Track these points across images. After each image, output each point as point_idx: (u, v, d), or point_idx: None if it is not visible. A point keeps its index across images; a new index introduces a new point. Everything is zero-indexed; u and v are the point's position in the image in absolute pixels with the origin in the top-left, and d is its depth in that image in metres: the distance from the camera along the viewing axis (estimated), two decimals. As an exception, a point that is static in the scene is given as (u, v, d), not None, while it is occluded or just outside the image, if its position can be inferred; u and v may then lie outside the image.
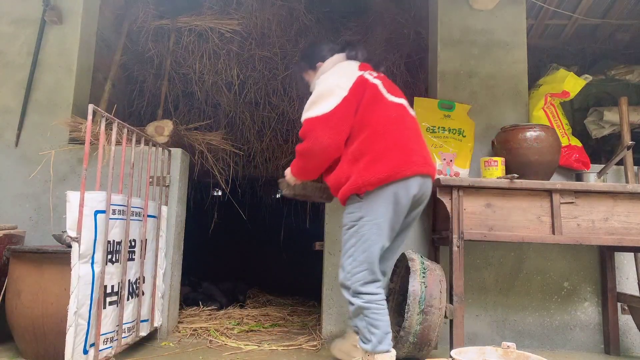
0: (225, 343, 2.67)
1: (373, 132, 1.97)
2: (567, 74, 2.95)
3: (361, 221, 1.96)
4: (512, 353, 1.76)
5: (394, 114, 2.03)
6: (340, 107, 1.96)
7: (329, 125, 1.96)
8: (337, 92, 1.99)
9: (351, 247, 1.98)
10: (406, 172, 1.94)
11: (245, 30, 3.78)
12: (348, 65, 2.15)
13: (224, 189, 3.64)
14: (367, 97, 2.01)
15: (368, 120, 1.98)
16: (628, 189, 2.44)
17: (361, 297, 1.96)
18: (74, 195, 1.92)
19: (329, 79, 2.07)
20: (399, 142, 1.97)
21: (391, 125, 1.99)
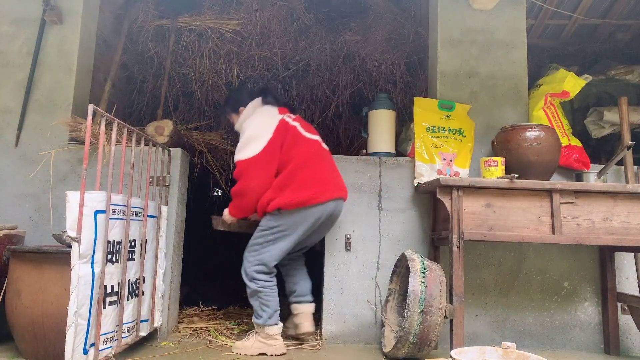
0: (225, 343, 2.67)
1: (295, 166, 2.37)
2: (567, 74, 2.95)
3: (274, 229, 2.41)
4: (512, 353, 1.76)
5: (312, 149, 2.47)
6: (266, 148, 2.36)
7: (258, 166, 2.35)
8: (263, 135, 2.37)
9: (257, 245, 2.44)
10: (321, 199, 2.39)
11: (245, 30, 3.78)
12: (269, 110, 2.52)
13: (224, 189, 3.64)
14: (288, 137, 2.41)
15: (291, 157, 2.38)
16: (628, 189, 2.44)
17: (256, 282, 2.43)
18: (74, 195, 1.92)
19: (254, 124, 2.45)
20: (316, 174, 2.41)
21: (310, 160, 2.42)
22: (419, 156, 2.88)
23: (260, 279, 2.45)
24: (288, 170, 2.37)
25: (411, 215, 2.91)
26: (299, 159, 2.38)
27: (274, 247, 2.44)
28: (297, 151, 2.38)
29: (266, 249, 2.44)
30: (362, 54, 3.87)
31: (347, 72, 4.02)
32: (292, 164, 2.37)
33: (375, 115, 3.13)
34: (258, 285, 2.44)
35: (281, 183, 2.37)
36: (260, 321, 2.45)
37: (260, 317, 2.46)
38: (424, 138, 2.92)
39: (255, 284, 2.44)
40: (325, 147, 2.61)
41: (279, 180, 2.37)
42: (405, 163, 2.97)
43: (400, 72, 3.87)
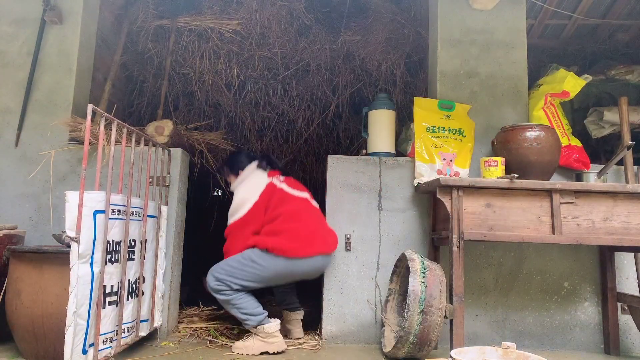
0: (225, 343, 2.67)
1: (283, 220, 2.53)
2: (567, 74, 2.95)
3: (252, 263, 2.49)
4: (512, 353, 1.76)
5: (300, 206, 2.63)
6: (250, 211, 2.57)
7: (242, 227, 2.58)
8: (250, 199, 2.59)
9: (230, 267, 2.49)
10: (306, 253, 2.50)
11: (245, 30, 3.78)
12: (259, 176, 2.71)
13: (224, 189, 3.64)
14: (275, 198, 2.59)
15: (279, 213, 2.55)
16: (628, 189, 2.44)
17: (221, 294, 2.49)
18: (73, 195, 1.92)
19: (244, 189, 2.66)
20: (303, 228, 2.53)
21: (297, 214, 2.57)
22: (419, 156, 2.88)
23: (225, 290, 2.49)
24: (277, 222, 2.54)
25: (411, 215, 2.91)
26: (287, 214, 2.55)
27: (244, 279, 2.48)
28: (285, 208, 2.57)
29: (236, 277, 2.48)
30: (362, 54, 3.87)
31: (347, 72, 4.02)
32: (280, 218, 2.54)
33: (375, 115, 3.13)
34: (225, 295, 2.49)
35: (271, 230, 2.53)
36: (251, 322, 2.48)
37: (246, 320, 2.49)
38: (424, 138, 2.92)
39: (222, 295, 2.49)
40: (314, 204, 2.75)
41: (269, 228, 2.54)
42: (405, 163, 2.96)
43: (400, 72, 3.87)
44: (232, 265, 2.50)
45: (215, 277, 2.50)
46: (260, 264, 2.47)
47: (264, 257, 2.48)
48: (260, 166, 2.77)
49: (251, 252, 2.51)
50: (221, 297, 2.49)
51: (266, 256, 2.48)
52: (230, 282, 2.47)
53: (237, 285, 2.47)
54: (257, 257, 2.48)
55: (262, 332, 2.48)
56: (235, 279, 2.47)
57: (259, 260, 2.48)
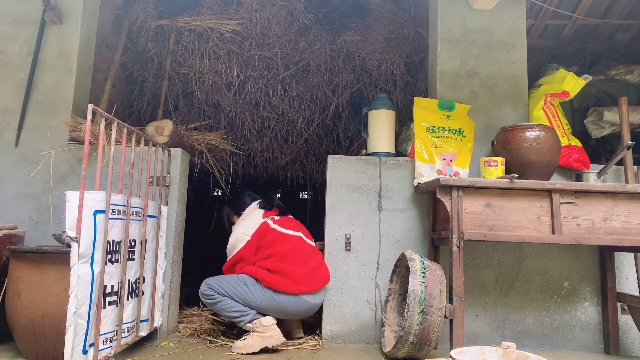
0: (225, 343, 2.67)
1: (277, 259, 2.62)
2: (567, 74, 2.95)
3: (245, 285, 2.58)
4: (512, 353, 1.76)
5: (291, 246, 2.69)
6: (243, 249, 2.70)
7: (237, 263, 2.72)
8: (243, 238, 2.72)
9: (224, 280, 2.62)
10: (294, 291, 2.57)
11: (245, 31, 3.78)
12: (255, 215, 2.83)
13: (224, 188, 3.65)
14: (267, 238, 2.70)
15: (272, 253, 2.65)
16: (628, 189, 2.44)
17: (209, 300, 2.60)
18: (74, 195, 1.92)
19: (239, 229, 2.79)
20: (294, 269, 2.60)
21: (290, 255, 2.65)
22: (418, 156, 2.88)
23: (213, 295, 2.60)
24: (270, 260, 2.63)
25: (411, 215, 2.91)
26: (279, 254, 2.64)
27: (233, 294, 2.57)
28: (277, 248, 2.66)
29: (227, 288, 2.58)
30: (362, 54, 3.87)
31: (347, 72, 4.02)
32: (273, 257, 2.64)
33: (375, 116, 3.13)
34: (212, 299, 2.59)
35: (264, 266, 2.62)
36: (247, 318, 2.54)
37: (237, 318, 2.55)
38: (424, 138, 2.92)
39: (210, 299, 2.60)
40: (308, 242, 2.80)
41: (263, 264, 2.63)
42: (405, 163, 2.96)
43: (400, 72, 3.87)
44: (226, 279, 2.63)
45: (207, 285, 2.62)
46: (251, 290, 2.57)
47: (255, 286, 2.58)
48: (261, 206, 2.91)
49: (246, 277, 2.62)
50: (210, 302, 2.60)
51: (257, 286, 2.58)
52: (219, 289, 2.58)
53: (225, 293, 2.58)
54: (249, 284, 2.59)
55: (259, 326, 2.51)
56: (225, 289, 2.58)
57: (250, 286, 2.58)
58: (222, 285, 2.59)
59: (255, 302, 2.56)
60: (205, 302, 2.64)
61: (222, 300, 2.57)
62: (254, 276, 2.60)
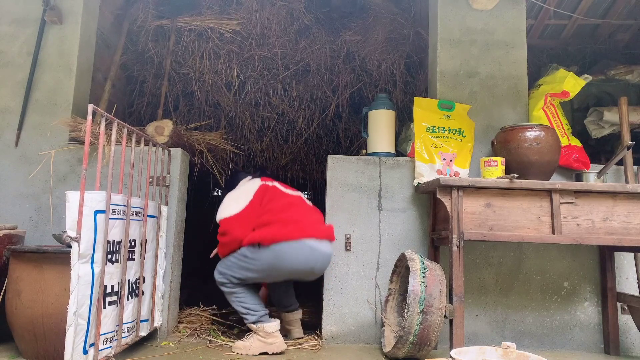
0: (225, 343, 2.68)
1: (275, 212, 2.57)
2: (567, 74, 2.95)
3: (245, 258, 2.52)
4: (512, 353, 1.76)
5: (293, 200, 2.68)
6: (247, 208, 2.58)
7: (240, 221, 2.56)
8: (245, 198, 2.62)
9: (230, 262, 2.57)
10: (295, 237, 2.49)
11: (245, 30, 3.78)
12: (251, 181, 2.78)
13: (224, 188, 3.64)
14: (268, 195, 2.64)
15: (271, 208, 2.59)
16: (628, 189, 2.44)
17: (226, 286, 2.57)
18: (74, 195, 1.92)
19: (237, 191, 2.73)
20: (294, 216, 2.57)
21: (288, 207, 2.61)
22: (418, 156, 2.88)
23: (228, 283, 2.57)
24: (267, 215, 2.57)
25: (411, 215, 2.91)
26: (278, 207, 2.60)
27: (241, 273, 2.54)
28: (276, 203, 2.62)
29: (234, 271, 2.55)
30: (362, 54, 3.88)
31: (347, 72, 4.03)
32: (270, 212, 2.58)
33: (375, 115, 3.13)
34: (228, 288, 2.57)
35: (261, 223, 2.55)
36: (250, 319, 2.52)
37: (246, 314, 2.54)
38: (424, 138, 2.92)
39: (226, 287, 2.58)
40: (307, 202, 2.78)
41: (260, 221, 2.56)
42: (405, 163, 2.97)
43: (400, 72, 3.87)
44: (231, 260, 2.57)
45: (219, 271, 2.60)
46: (252, 257, 2.50)
47: (254, 252, 2.50)
48: (255, 176, 2.87)
49: (245, 249, 2.54)
50: (224, 290, 2.59)
51: (257, 250, 2.50)
52: (230, 276, 2.55)
53: (236, 279, 2.55)
54: (249, 253, 2.52)
55: (262, 331, 2.49)
56: (234, 273, 2.54)
57: (251, 255, 2.51)
58: (231, 269, 2.55)
59: (261, 267, 2.49)
60: (221, 289, 2.61)
61: (234, 292, 2.56)
62: (254, 242, 2.50)
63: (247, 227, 2.57)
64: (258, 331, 2.50)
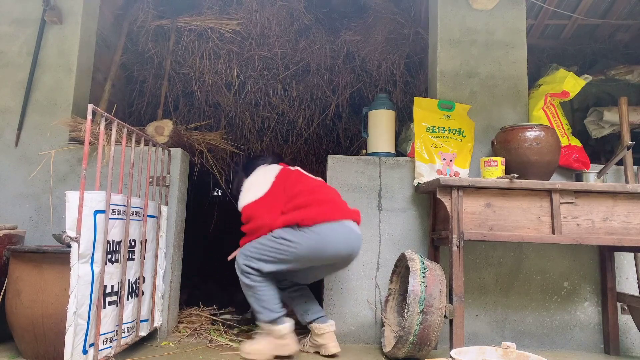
0: (226, 343, 2.68)
1: (306, 193, 2.43)
2: (567, 74, 2.95)
3: (284, 241, 2.33)
4: (512, 353, 1.76)
5: (317, 184, 2.54)
6: (270, 191, 2.45)
7: (266, 205, 2.42)
8: (266, 182, 2.49)
9: (262, 246, 2.36)
10: (337, 217, 2.38)
11: (245, 30, 3.78)
12: (269, 166, 2.65)
13: (224, 188, 3.65)
14: (291, 178, 2.51)
15: (299, 190, 2.45)
16: (628, 189, 2.44)
17: (248, 276, 2.36)
18: (74, 195, 1.92)
19: (257, 174, 2.59)
20: (328, 196, 2.46)
21: (317, 189, 2.48)
22: (418, 156, 2.88)
23: (254, 274, 2.35)
24: (299, 197, 2.41)
25: (411, 215, 2.91)
26: (307, 190, 2.45)
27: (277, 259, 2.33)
28: (304, 186, 2.47)
29: (268, 257, 2.34)
30: (362, 54, 3.87)
31: (347, 72, 4.02)
32: (301, 194, 2.43)
33: (375, 115, 3.13)
34: (251, 280, 2.35)
35: (295, 206, 2.38)
36: (265, 318, 2.33)
37: (261, 313, 2.34)
38: (424, 138, 2.92)
39: (248, 278, 2.35)
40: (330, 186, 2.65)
41: (293, 204, 2.39)
42: (405, 163, 2.97)
43: (400, 72, 3.87)
44: (264, 244, 2.35)
45: (246, 256, 2.36)
46: (293, 240, 2.30)
47: (294, 234, 2.31)
48: (273, 162, 2.73)
49: (281, 231, 2.35)
50: (246, 281, 2.35)
51: (297, 232, 2.32)
52: (261, 265, 2.33)
53: (268, 268, 2.33)
54: (289, 235, 2.32)
55: (276, 333, 2.33)
56: (267, 259, 2.33)
57: (291, 237, 2.31)
58: (264, 254, 2.32)
59: (302, 252, 2.30)
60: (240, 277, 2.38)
61: (256, 286, 2.33)
62: (291, 223, 2.33)
63: (274, 211, 2.40)
64: (272, 332, 2.33)
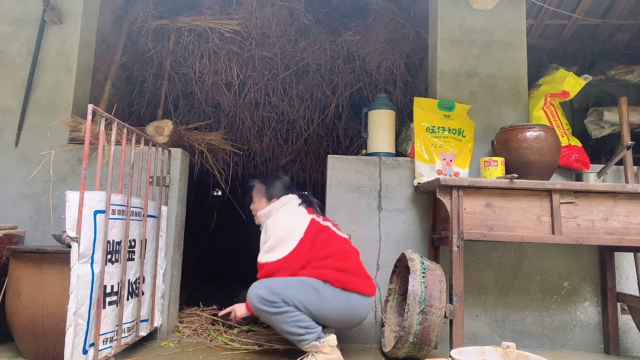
0: (225, 343, 2.68)
1: (339, 257, 2.32)
2: (567, 74, 2.95)
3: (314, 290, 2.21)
4: (512, 353, 1.76)
5: (348, 247, 2.42)
6: (296, 249, 2.28)
7: (287, 267, 2.27)
8: (294, 235, 2.30)
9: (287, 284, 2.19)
10: (366, 291, 2.33)
11: (245, 30, 3.78)
12: (299, 211, 2.44)
13: (224, 188, 3.65)
14: (322, 236, 2.35)
15: (333, 252, 2.32)
16: (628, 189, 2.44)
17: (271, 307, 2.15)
18: (74, 195, 1.92)
19: (284, 222, 2.37)
20: (361, 271, 2.37)
21: (350, 255, 2.38)
22: (418, 156, 2.88)
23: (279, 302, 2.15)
24: (331, 260, 2.30)
25: (411, 215, 2.91)
26: (340, 252, 2.34)
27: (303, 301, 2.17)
28: (336, 248, 2.35)
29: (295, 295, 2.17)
30: (362, 54, 3.87)
31: (347, 72, 4.02)
32: (334, 256, 2.32)
33: (375, 116, 3.13)
34: (278, 308, 2.15)
35: (327, 265, 2.28)
36: (311, 337, 2.17)
37: (304, 334, 2.17)
38: (424, 138, 2.92)
39: (275, 307, 2.15)
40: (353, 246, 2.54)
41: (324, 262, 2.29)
42: (405, 163, 2.97)
43: (400, 72, 3.87)
44: (289, 283, 2.20)
45: (268, 288, 2.16)
46: (322, 294, 2.19)
47: (325, 288, 2.21)
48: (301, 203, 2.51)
49: (313, 280, 2.22)
50: (271, 310, 2.14)
51: (328, 288, 2.22)
52: (287, 297, 2.15)
53: (293, 302, 2.15)
54: (319, 286, 2.21)
55: (326, 346, 2.19)
56: (293, 295, 2.16)
57: (321, 289, 2.20)
58: (289, 290, 2.15)
59: (326, 308, 2.20)
60: (262, 308, 2.15)
61: (288, 311, 2.14)
62: (323, 279, 2.22)
63: (294, 271, 2.28)
64: (322, 348, 2.18)
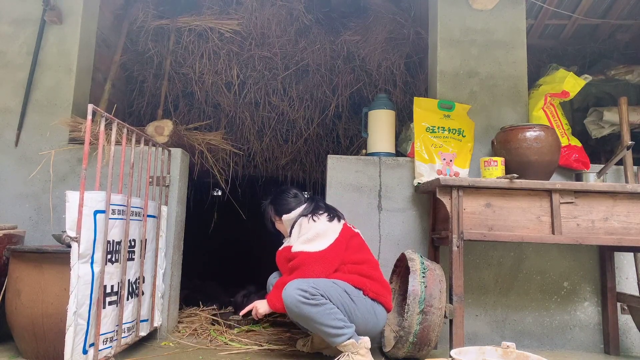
0: (225, 343, 2.68)
1: (372, 266, 2.36)
2: (567, 74, 2.95)
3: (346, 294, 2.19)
4: (512, 353, 1.76)
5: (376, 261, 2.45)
6: (333, 246, 2.30)
7: (323, 262, 2.27)
8: (331, 234, 2.33)
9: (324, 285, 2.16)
10: (390, 306, 2.36)
11: (245, 30, 3.78)
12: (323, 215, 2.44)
13: (224, 188, 3.65)
14: (354, 242, 2.39)
15: (365, 258, 2.36)
16: (628, 189, 2.44)
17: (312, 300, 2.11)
18: (74, 195, 1.92)
19: (320, 221, 2.39)
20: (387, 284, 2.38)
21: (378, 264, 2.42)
22: (418, 156, 2.88)
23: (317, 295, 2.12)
24: (366, 267, 2.32)
25: (411, 215, 2.91)
26: (373, 261, 2.39)
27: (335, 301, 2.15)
28: (368, 255, 2.40)
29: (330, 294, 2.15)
30: (362, 54, 3.87)
31: (347, 72, 4.02)
32: (368, 264, 2.35)
33: (375, 116, 3.13)
34: (317, 300, 2.11)
35: (361, 272, 2.29)
36: (349, 332, 2.14)
37: (342, 328, 2.13)
38: (424, 138, 2.92)
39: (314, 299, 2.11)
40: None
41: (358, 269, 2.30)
42: (405, 163, 2.97)
43: (400, 72, 3.87)
44: (326, 283, 2.18)
45: (308, 283, 2.14)
46: (355, 300, 2.18)
47: (358, 297, 2.21)
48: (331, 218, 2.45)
49: (345, 284, 2.21)
50: (313, 302, 2.09)
51: (360, 297, 2.21)
52: (325, 293, 2.13)
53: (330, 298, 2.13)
54: (352, 293, 2.20)
55: (362, 347, 2.16)
56: (330, 294, 2.14)
57: (354, 296, 2.19)
58: (327, 289, 2.13)
59: (356, 315, 2.18)
60: (303, 301, 2.08)
61: (325, 304, 2.10)
62: (358, 286, 2.22)
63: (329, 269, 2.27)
64: (359, 349, 2.14)
